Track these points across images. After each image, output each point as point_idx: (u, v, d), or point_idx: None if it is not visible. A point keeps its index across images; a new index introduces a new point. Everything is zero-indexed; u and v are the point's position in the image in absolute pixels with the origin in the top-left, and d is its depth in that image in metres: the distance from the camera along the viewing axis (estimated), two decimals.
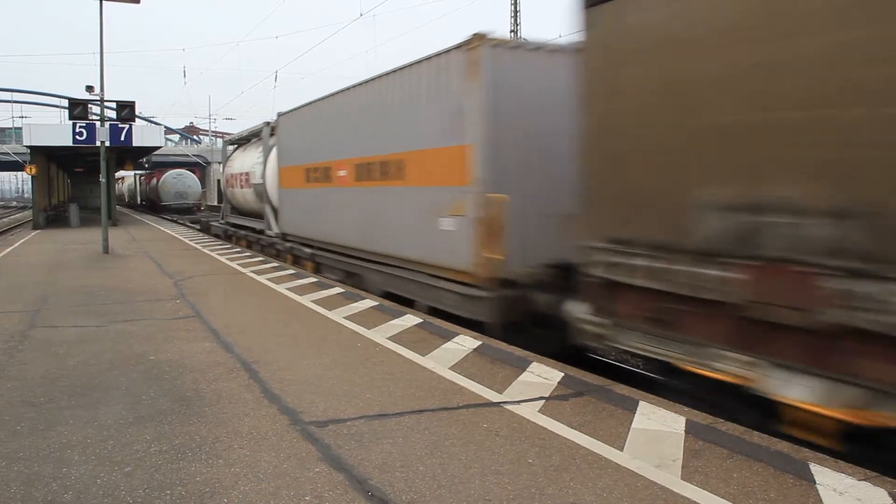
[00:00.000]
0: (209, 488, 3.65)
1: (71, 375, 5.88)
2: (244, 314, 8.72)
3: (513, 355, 6.32)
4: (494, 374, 5.76)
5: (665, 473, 3.77)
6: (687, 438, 4.24)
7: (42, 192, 31.84)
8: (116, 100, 17.22)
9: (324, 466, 3.91)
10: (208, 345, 6.96)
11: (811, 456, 3.94)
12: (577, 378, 5.56)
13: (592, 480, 3.71)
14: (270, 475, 3.81)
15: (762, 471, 3.78)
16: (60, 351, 6.76)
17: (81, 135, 17.07)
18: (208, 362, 6.25)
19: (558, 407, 4.90)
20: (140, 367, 6.11)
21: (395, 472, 3.83)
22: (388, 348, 6.72)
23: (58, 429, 4.57)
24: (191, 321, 8.21)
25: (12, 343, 7.11)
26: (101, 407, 5.03)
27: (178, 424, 4.63)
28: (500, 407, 4.93)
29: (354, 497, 3.53)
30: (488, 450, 4.15)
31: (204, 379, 5.71)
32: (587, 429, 4.46)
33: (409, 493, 3.57)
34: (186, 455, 4.10)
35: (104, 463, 4.00)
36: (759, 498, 3.48)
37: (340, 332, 7.57)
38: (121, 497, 3.56)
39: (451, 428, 4.52)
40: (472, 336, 7.13)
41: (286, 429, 4.53)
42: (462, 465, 3.92)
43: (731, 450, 4.06)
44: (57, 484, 3.73)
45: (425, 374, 5.78)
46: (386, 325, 7.74)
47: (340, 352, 6.65)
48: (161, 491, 3.62)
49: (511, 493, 3.56)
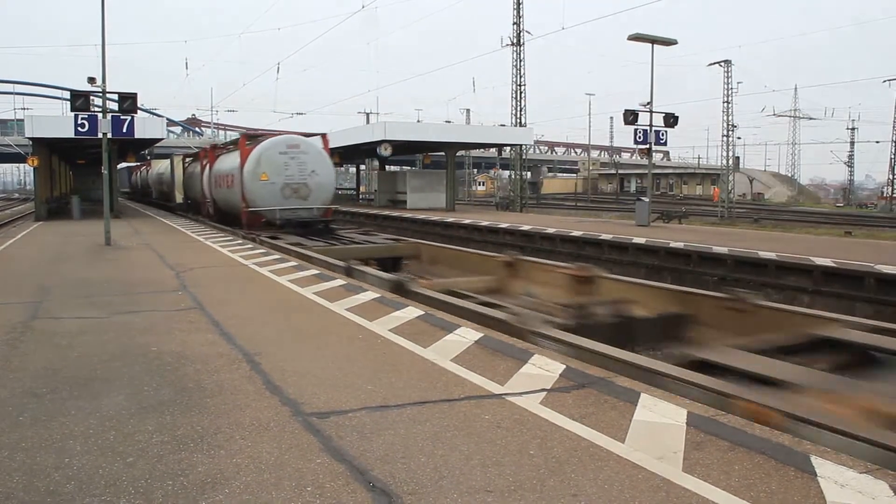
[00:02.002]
0: (211, 479, 3.66)
1: (73, 366, 5.89)
2: (246, 306, 8.72)
3: (515, 347, 6.32)
4: (496, 365, 5.76)
5: (666, 465, 3.77)
6: (688, 431, 4.24)
7: (44, 184, 31.86)
8: (118, 91, 17.20)
9: (325, 457, 3.92)
10: (210, 336, 6.96)
11: (812, 448, 3.94)
12: (579, 370, 5.56)
13: (594, 472, 3.71)
14: (272, 466, 3.82)
15: (763, 463, 3.78)
16: (62, 342, 6.77)
17: (83, 126, 16.99)
18: (210, 353, 6.25)
19: (560, 399, 4.90)
20: (142, 359, 6.12)
21: (397, 464, 3.83)
22: (390, 340, 6.73)
23: (60, 419, 4.58)
24: (192, 313, 8.22)
25: (14, 334, 7.12)
26: (102, 398, 5.04)
27: (180, 415, 4.63)
28: (502, 399, 4.93)
29: (356, 488, 3.54)
30: (490, 441, 4.15)
31: (206, 370, 5.72)
32: (589, 421, 4.46)
33: (410, 484, 3.57)
34: (188, 446, 4.11)
35: (106, 453, 4.01)
36: (761, 490, 3.47)
37: (342, 323, 7.57)
38: (123, 487, 3.56)
39: (453, 419, 4.52)
40: (473, 328, 7.13)
41: (288, 420, 4.54)
42: (463, 457, 3.93)
43: (733, 442, 4.06)
44: (59, 474, 3.73)
45: (427, 366, 5.79)
46: (387, 317, 7.74)
47: (342, 343, 6.66)
48: (163, 481, 3.63)
49: (512, 485, 3.57)
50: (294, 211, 20.23)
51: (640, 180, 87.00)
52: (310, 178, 20.44)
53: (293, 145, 20.55)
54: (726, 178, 45.58)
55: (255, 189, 20.17)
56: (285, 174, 20.15)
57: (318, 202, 20.75)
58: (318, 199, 20.74)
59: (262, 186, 20.07)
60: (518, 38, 40.49)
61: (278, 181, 20.08)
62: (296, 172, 20.27)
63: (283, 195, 20.12)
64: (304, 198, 20.42)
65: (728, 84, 47.40)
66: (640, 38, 24.29)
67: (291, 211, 20.15)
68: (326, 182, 21.01)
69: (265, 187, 20.04)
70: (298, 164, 20.32)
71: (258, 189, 20.14)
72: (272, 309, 8.51)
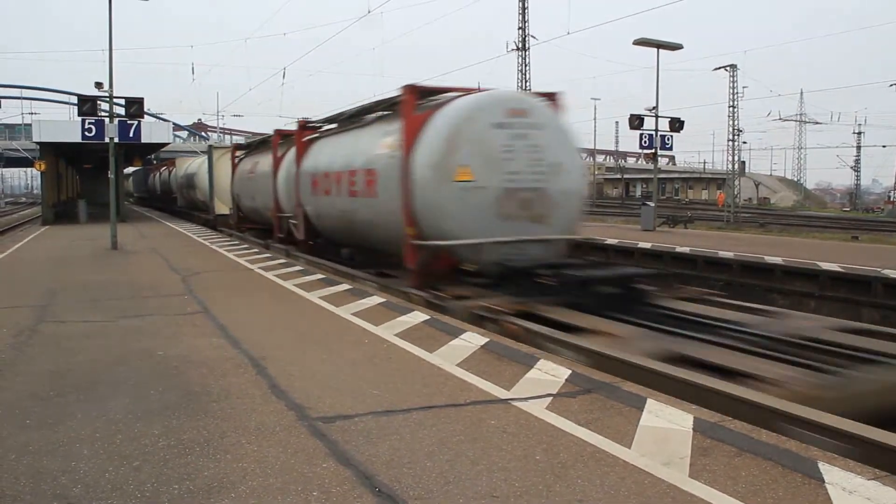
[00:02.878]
0: (217, 483, 3.66)
1: (79, 370, 5.91)
2: (252, 310, 8.74)
3: (520, 352, 6.31)
4: (502, 370, 5.75)
5: (673, 471, 3.75)
6: (695, 436, 4.23)
7: (51, 188, 32.01)
8: (125, 96, 17.28)
9: (331, 462, 3.92)
10: (216, 340, 6.97)
11: (820, 455, 3.92)
12: (585, 375, 5.55)
13: (600, 478, 3.70)
14: (278, 471, 3.82)
15: (771, 469, 3.76)
16: (69, 346, 6.80)
17: (90, 131, 17.07)
18: (216, 358, 6.26)
19: (566, 404, 4.89)
20: (148, 363, 6.13)
21: (403, 469, 3.83)
22: (396, 345, 6.73)
23: (67, 423, 4.59)
24: (199, 317, 8.24)
25: (21, 338, 7.15)
26: (109, 401, 5.05)
27: (186, 419, 4.64)
28: (508, 404, 4.92)
29: (362, 493, 3.54)
30: (496, 446, 4.14)
31: (212, 374, 5.73)
32: (595, 426, 4.45)
33: (416, 489, 3.57)
34: (194, 450, 4.11)
35: (113, 457, 4.01)
36: (768, 496, 3.46)
37: (348, 328, 7.58)
38: (129, 491, 3.57)
39: (459, 424, 4.52)
40: (479, 333, 7.12)
41: (294, 424, 4.54)
42: (469, 462, 3.92)
43: (740, 448, 4.04)
44: (66, 478, 3.74)
45: (433, 371, 5.78)
46: (393, 322, 7.74)
47: (348, 348, 6.66)
48: (169, 485, 3.63)
49: (518, 490, 3.56)
50: (521, 247, 9.95)
51: (646, 185, 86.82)
52: (550, 177, 10.14)
53: (518, 110, 10.11)
54: (732, 182, 45.47)
55: (441, 199, 9.74)
56: (506, 170, 9.87)
57: (561, 227, 10.36)
58: (562, 222, 10.34)
59: (458, 194, 9.70)
60: (523, 42, 40.54)
61: (491, 183, 9.81)
62: (525, 166, 9.98)
63: (499, 213, 9.85)
64: (539, 219, 10.07)
65: (734, 88, 47.27)
66: (646, 42, 24.27)
67: (516, 247, 9.93)
68: (576, 186, 10.58)
69: (464, 196, 9.71)
70: (530, 150, 10.03)
71: (447, 199, 9.72)
72: (278, 313, 8.52)
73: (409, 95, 10.35)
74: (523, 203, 9.90)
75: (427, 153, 9.73)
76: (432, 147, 9.71)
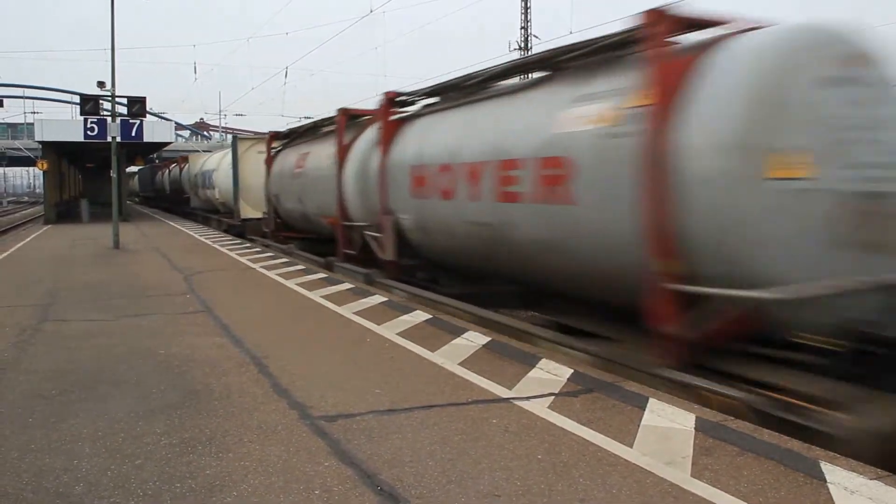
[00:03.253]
0: (219, 481, 3.66)
1: (82, 369, 5.92)
2: (254, 309, 8.74)
3: (522, 352, 6.30)
4: (504, 370, 5.74)
5: (675, 471, 3.75)
6: (697, 436, 4.22)
7: (53, 187, 32.05)
8: (127, 95, 17.33)
9: (333, 461, 3.92)
10: (218, 339, 6.98)
11: (822, 454, 3.91)
12: (587, 374, 5.54)
13: (602, 477, 3.69)
14: (280, 469, 3.82)
15: (773, 468, 3.76)
16: (71, 344, 6.81)
17: (93, 130, 17.20)
18: (218, 357, 6.27)
19: (568, 403, 4.89)
20: (150, 361, 6.14)
21: (405, 467, 3.83)
22: (398, 344, 6.72)
23: (69, 421, 4.60)
24: (200, 316, 8.24)
25: (24, 337, 7.16)
26: (111, 400, 5.05)
27: (188, 418, 4.64)
28: (510, 403, 4.92)
29: (364, 492, 3.54)
30: (497, 445, 4.14)
31: (213, 373, 5.73)
32: (597, 425, 4.44)
33: (418, 488, 3.57)
34: (196, 448, 4.11)
35: (115, 455, 4.02)
36: (770, 496, 3.45)
37: (350, 327, 7.58)
38: (131, 489, 3.57)
39: (461, 423, 4.52)
40: (481, 332, 7.11)
41: (295, 423, 4.54)
42: (471, 461, 3.92)
43: (742, 447, 4.03)
44: (68, 476, 3.75)
45: (434, 370, 5.78)
46: (395, 321, 7.74)
47: (350, 347, 6.66)
48: (171, 484, 3.64)
49: (520, 489, 3.56)
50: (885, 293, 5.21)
51: None
52: None
53: (856, 56, 5.51)
54: None
55: (745, 208, 5.19)
56: (855, 160, 5.32)
57: None
58: None
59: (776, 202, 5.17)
60: (526, 42, 40.56)
61: (832, 184, 5.23)
62: (886, 155, 5.41)
63: (846, 237, 5.24)
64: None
65: None
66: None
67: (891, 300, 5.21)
68: None
69: (788, 206, 5.18)
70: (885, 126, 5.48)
71: (757, 209, 5.16)
72: (280, 312, 8.52)
73: (661, 24, 5.83)
74: (889, 220, 5.39)
75: (710, 125, 5.40)
76: (721, 114, 5.36)
